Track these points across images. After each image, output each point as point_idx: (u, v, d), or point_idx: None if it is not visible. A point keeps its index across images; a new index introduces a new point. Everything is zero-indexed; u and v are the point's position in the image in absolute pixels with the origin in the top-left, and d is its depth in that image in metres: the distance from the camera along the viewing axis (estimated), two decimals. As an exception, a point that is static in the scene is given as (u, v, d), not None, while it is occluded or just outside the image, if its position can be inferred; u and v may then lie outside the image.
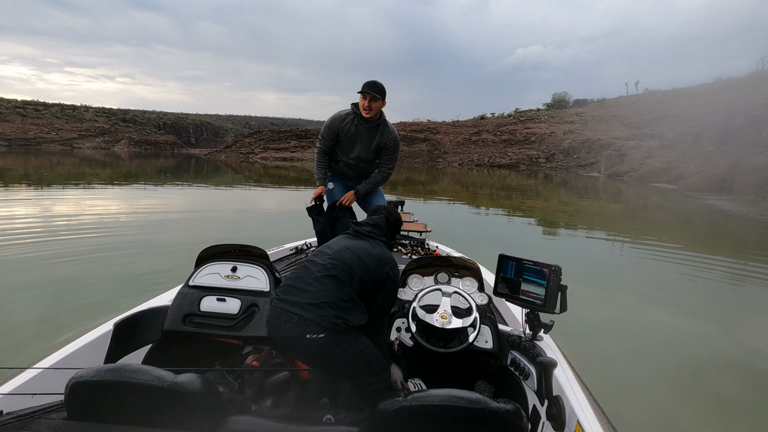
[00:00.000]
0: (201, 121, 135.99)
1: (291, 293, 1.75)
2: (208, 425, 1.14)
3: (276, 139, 61.55)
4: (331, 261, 1.80)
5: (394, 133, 3.27)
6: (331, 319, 1.65)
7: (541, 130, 51.45)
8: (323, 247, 1.95)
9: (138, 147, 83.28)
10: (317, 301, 1.68)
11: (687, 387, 3.30)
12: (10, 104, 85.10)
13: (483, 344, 1.98)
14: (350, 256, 1.83)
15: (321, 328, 1.63)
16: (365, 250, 1.89)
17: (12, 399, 1.38)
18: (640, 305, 5.10)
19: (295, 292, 1.74)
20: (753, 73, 41.90)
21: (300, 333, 1.64)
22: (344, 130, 3.20)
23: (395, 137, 3.28)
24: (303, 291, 1.73)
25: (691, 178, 23.35)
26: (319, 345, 1.63)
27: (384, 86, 3.02)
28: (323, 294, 1.70)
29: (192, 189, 17.79)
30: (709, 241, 9.54)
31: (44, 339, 3.51)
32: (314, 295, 1.70)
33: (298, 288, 1.75)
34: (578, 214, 14.00)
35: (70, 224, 8.44)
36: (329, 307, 1.67)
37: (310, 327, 1.63)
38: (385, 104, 3.10)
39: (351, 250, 1.86)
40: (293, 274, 1.87)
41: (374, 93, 2.95)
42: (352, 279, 1.77)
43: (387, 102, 3.09)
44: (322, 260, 1.82)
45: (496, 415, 1.13)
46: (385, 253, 1.95)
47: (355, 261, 1.82)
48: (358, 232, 2.01)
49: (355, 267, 1.79)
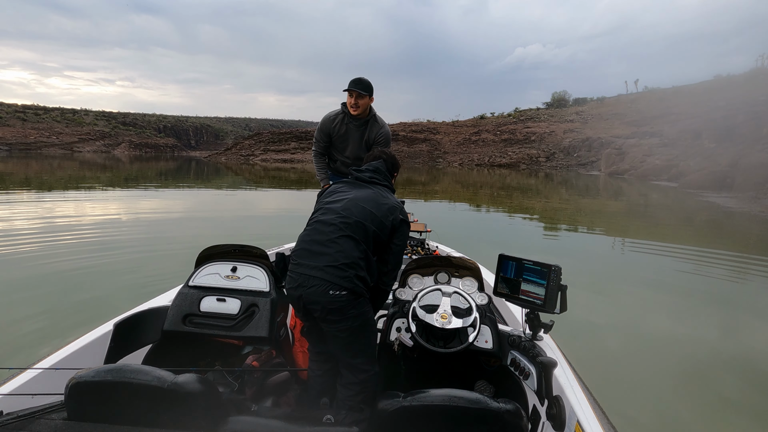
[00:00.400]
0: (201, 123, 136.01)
1: (308, 257, 1.77)
2: (208, 425, 1.13)
3: (276, 140, 61.58)
4: (343, 220, 1.81)
5: (384, 127, 3.24)
6: (353, 279, 1.72)
7: (541, 130, 51.44)
8: (329, 202, 1.93)
9: (138, 150, 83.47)
10: (337, 263, 1.72)
11: (688, 387, 3.29)
12: (10, 109, 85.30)
13: (483, 344, 1.98)
14: (360, 211, 1.84)
15: (343, 288, 1.70)
16: (373, 201, 1.90)
17: (12, 399, 1.38)
18: (641, 304, 5.09)
19: (312, 255, 1.77)
20: (753, 70, 41.86)
21: (323, 290, 1.70)
22: (335, 130, 3.20)
23: (386, 132, 3.24)
24: (320, 254, 1.75)
25: (691, 175, 23.31)
26: (341, 301, 1.70)
27: (370, 82, 2.99)
28: (342, 255, 1.74)
29: (192, 191, 17.81)
30: (710, 239, 9.52)
31: (45, 339, 3.52)
32: (332, 257, 1.73)
33: (314, 252, 1.77)
34: (579, 213, 13.99)
35: (71, 226, 8.46)
36: (349, 268, 1.72)
37: (333, 286, 1.70)
38: (373, 100, 3.08)
39: (359, 203, 1.87)
40: (306, 235, 1.87)
41: (360, 90, 2.92)
42: (367, 236, 1.81)
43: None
44: (333, 219, 1.82)
45: (496, 415, 1.13)
46: (391, 199, 1.97)
47: (367, 216, 1.84)
48: (360, 179, 2.00)
49: (367, 223, 1.82)
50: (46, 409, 1.20)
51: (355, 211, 1.83)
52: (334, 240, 1.76)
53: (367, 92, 2.97)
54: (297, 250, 1.84)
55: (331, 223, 1.80)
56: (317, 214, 1.93)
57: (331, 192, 2.02)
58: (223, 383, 2.04)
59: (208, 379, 1.31)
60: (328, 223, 1.81)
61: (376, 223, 1.83)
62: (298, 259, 1.80)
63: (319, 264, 1.73)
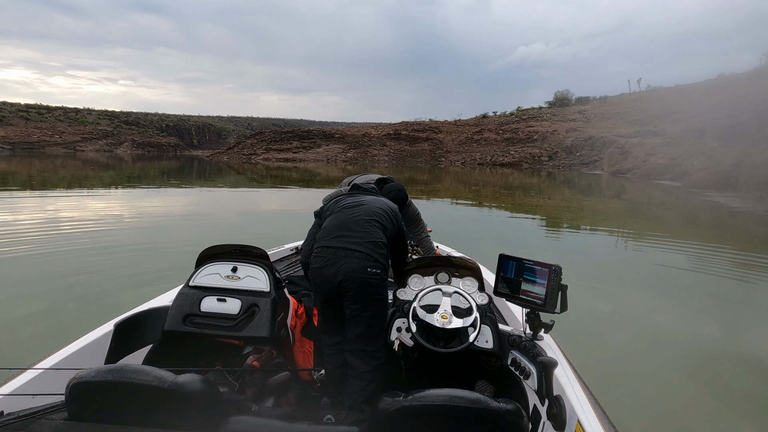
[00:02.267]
0: (203, 122, 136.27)
1: (344, 234, 1.88)
2: (209, 426, 1.14)
3: (278, 140, 61.62)
4: (369, 210, 1.97)
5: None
6: (385, 258, 1.88)
7: (544, 129, 51.30)
8: (340, 204, 2.06)
9: (141, 149, 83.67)
10: (374, 239, 1.87)
11: (689, 387, 3.28)
12: (13, 108, 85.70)
13: (483, 344, 1.98)
14: (380, 208, 2.02)
15: (378, 265, 1.83)
16: (384, 202, 2.08)
17: (13, 399, 1.39)
18: (643, 304, 5.08)
19: (348, 232, 1.89)
20: (756, 69, 41.58)
21: (363, 266, 1.80)
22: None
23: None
24: (356, 232, 1.88)
25: (695, 174, 23.20)
26: (377, 278, 1.83)
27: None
28: (377, 236, 1.89)
29: (194, 190, 17.85)
30: (714, 239, 9.48)
31: (45, 339, 3.53)
32: (370, 235, 1.88)
33: (350, 229, 1.90)
34: (581, 212, 13.96)
35: (72, 225, 8.49)
36: (383, 247, 1.88)
37: (371, 262, 1.82)
38: None
39: (375, 203, 2.05)
40: (335, 219, 1.98)
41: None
42: (385, 229, 1.96)
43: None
44: (360, 209, 1.98)
45: (497, 415, 1.12)
46: (393, 205, 2.15)
47: (383, 213, 2.01)
48: (366, 190, 2.19)
49: (384, 218, 1.99)
50: (46, 409, 1.20)
51: (375, 206, 2.02)
52: (367, 222, 1.93)
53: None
54: (328, 230, 1.96)
55: (359, 211, 1.98)
56: (330, 217, 2.05)
57: (342, 197, 2.17)
58: (223, 383, 2.05)
59: (209, 379, 1.31)
60: (356, 210, 1.98)
61: (387, 221, 2.01)
62: (331, 237, 1.90)
63: (357, 239, 1.85)
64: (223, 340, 2.28)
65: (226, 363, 2.27)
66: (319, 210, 2.23)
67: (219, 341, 2.30)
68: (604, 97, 60.96)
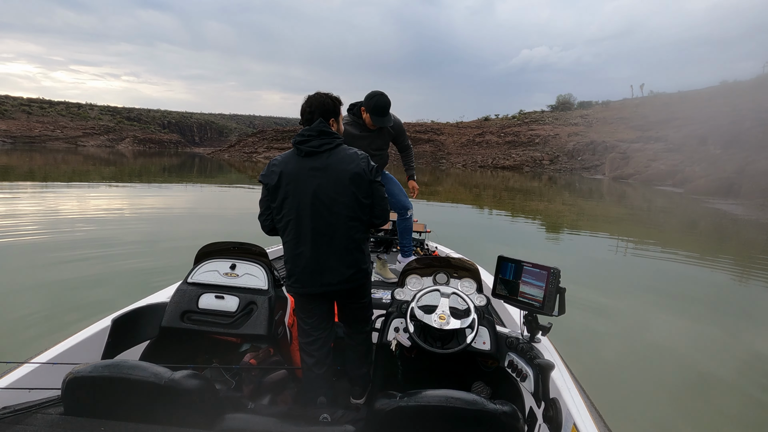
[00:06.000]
0: (205, 120, 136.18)
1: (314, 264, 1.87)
2: (205, 422, 1.14)
3: (279, 138, 61.54)
4: (329, 216, 1.84)
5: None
6: (361, 264, 1.94)
7: (545, 132, 51.26)
8: (295, 198, 1.84)
9: (142, 145, 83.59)
10: (345, 248, 1.88)
11: (687, 393, 3.28)
12: (15, 102, 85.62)
13: (481, 345, 1.97)
14: (336, 194, 1.84)
15: (360, 273, 1.94)
16: (336, 175, 1.83)
17: (9, 393, 1.39)
18: (641, 309, 5.07)
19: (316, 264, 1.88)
20: (760, 77, 41.55)
21: (342, 278, 1.90)
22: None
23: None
24: (324, 259, 1.88)
25: (697, 181, 23.15)
26: (360, 283, 1.96)
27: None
28: (346, 242, 1.89)
29: (194, 187, 17.85)
30: (715, 246, 9.47)
31: (43, 333, 3.53)
32: (340, 244, 1.88)
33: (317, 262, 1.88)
34: (581, 216, 13.94)
35: (72, 220, 8.49)
36: (357, 252, 1.92)
37: (351, 276, 1.92)
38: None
39: (325, 189, 1.83)
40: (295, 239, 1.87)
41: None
42: (354, 211, 1.87)
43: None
44: (315, 222, 1.84)
45: (493, 417, 1.12)
46: (354, 161, 1.85)
47: (345, 195, 1.85)
48: (310, 152, 1.84)
49: (348, 204, 1.86)
50: (43, 403, 1.21)
51: (334, 199, 2.00)
52: (329, 236, 1.98)
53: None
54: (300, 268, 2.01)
55: (312, 225, 2.00)
56: (294, 218, 2.07)
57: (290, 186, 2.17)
58: (220, 380, 2.05)
59: (206, 376, 1.31)
60: (308, 225, 2.00)
61: (354, 200, 1.99)
62: (304, 275, 1.99)
63: (329, 257, 1.99)
64: (220, 338, 2.28)
65: (223, 360, 2.27)
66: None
67: (216, 338, 2.29)
68: (606, 102, 60.86)
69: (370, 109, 2.91)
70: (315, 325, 1.96)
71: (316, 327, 1.96)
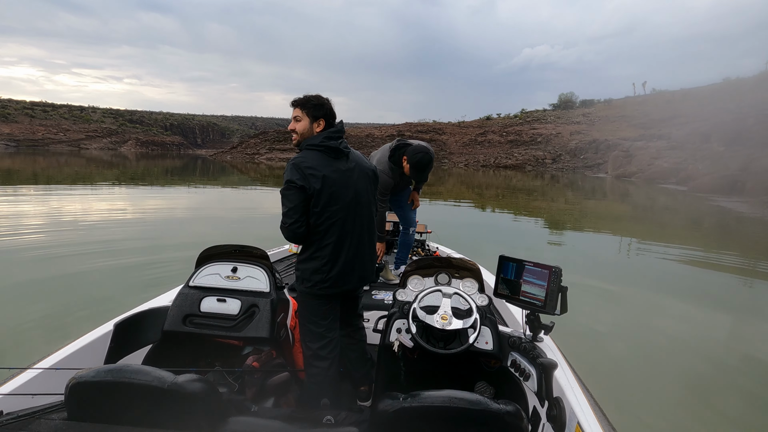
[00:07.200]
0: (207, 122, 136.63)
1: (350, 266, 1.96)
2: (208, 426, 1.14)
3: (282, 139, 61.64)
4: (368, 217, 2.00)
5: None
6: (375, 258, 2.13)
7: (548, 131, 51.15)
8: (341, 200, 1.88)
9: (145, 148, 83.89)
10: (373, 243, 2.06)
11: (692, 391, 3.26)
12: (18, 105, 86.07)
13: (483, 345, 1.97)
14: (367, 192, 2.01)
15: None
16: (364, 173, 1.99)
17: (12, 399, 1.39)
18: (645, 308, 5.05)
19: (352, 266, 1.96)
20: (762, 73, 41.39)
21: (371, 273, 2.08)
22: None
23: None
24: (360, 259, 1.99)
25: (700, 179, 23.05)
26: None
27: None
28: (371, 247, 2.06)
29: (196, 189, 17.91)
30: (719, 244, 9.42)
31: (46, 338, 3.54)
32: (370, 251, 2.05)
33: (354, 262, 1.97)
34: (584, 215, 13.90)
35: (74, 223, 8.53)
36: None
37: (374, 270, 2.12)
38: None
39: (362, 189, 1.98)
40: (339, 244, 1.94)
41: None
42: (374, 206, 2.06)
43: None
44: (358, 224, 1.96)
45: (497, 417, 1.12)
46: (364, 158, 2.09)
47: (372, 193, 2.05)
48: (340, 153, 1.91)
49: (373, 201, 2.05)
50: (46, 409, 1.21)
51: (366, 201, 2.15)
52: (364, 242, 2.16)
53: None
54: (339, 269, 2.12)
55: (354, 229, 2.11)
56: (342, 224, 2.18)
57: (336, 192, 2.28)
58: (223, 384, 2.05)
59: (209, 379, 1.31)
60: (354, 229, 2.12)
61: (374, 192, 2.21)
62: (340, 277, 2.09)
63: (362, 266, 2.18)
64: (222, 341, 2.29)
65: (226, 363, 2.27)
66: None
67: (219, 341, 2.30)
68: (608, 100, 60.69)
69: (412, 164, 3.03)
70: (329, 326, 1.97)
71: (330, 328, 1.97)
